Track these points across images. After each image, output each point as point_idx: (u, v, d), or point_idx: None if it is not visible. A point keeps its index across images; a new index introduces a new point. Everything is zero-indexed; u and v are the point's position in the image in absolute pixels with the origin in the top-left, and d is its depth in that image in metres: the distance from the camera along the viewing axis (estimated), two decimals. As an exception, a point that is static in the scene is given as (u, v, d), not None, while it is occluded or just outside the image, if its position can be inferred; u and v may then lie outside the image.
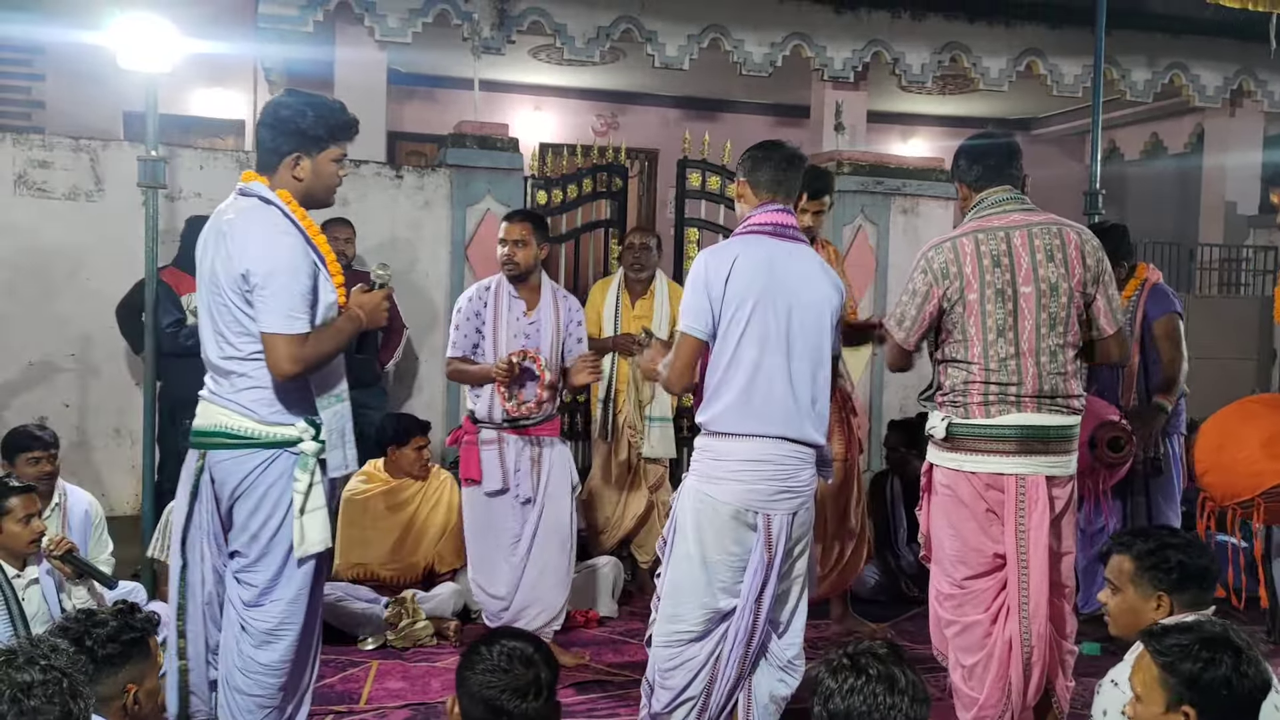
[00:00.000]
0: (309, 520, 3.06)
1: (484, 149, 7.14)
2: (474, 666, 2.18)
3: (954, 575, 3.36)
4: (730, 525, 3.14)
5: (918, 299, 3.31)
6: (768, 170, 3.29)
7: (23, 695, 1.91)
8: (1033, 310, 3.21)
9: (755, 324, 3.12)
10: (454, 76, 10.31)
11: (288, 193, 3.11)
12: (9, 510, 3.88)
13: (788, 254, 3.21)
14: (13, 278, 6.50)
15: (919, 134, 12.71)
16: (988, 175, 3.37)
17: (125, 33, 4.88)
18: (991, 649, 3.29)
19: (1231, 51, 9.71)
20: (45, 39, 9.19)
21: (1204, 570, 2.79)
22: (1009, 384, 3.22)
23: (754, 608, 3.16)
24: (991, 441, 3.24)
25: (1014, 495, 3.23)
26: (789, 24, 8.79)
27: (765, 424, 3.12)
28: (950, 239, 3.31)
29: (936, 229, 8.13)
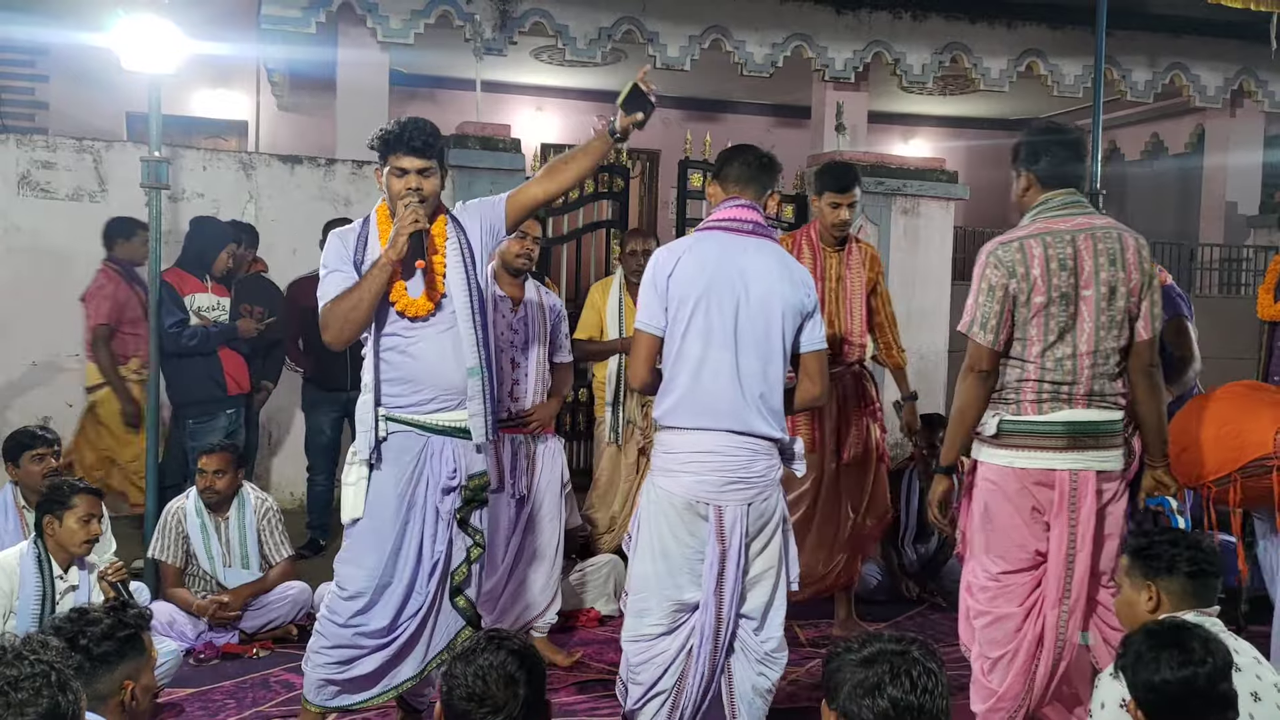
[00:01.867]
0: (346, 491, 3.40)
1: (486, 149, 7.16)
2: (453, 688, 2.15)
3: (991, 569, 3.37)
4: (685, 517, 3.16)
5: (998, 293, 3.26)
6: (733, 167, 3.32)
7: (10, 688, 1.93)
8: (1092, 314, 3.24)
9: (699, 319, 3.15)
10: (456, 77, 10.34)
11: (384, 206, 3.43)
12: (73, 506, 3.94)
13: (741, 249, 3.21)
14: (16, 278, 6.53)
15: (920, 134, 12.74)
16: (1060, 176, 3.35)
17: (128, 34, 4.89)
18: (1020, 643, 3.32)
19: (1232, 52, 9.72)
20: (49, 40, 9.22)
21: (1192, 560, 2.82)
22: (1063, 382, 3.25)
23: (715, 600, 3.16)
24: (1043, 438, 3.27)
25: (1065, 491, 3.26)
26: (790, 25, 8.81)
27: (711, 417, 3.14)
28: (1017, 239, 3.28)
29: (937, 229, 8.17)
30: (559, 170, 3.52)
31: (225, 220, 6.29)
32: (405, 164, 3.29)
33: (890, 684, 1.96)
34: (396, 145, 3.30)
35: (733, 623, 3.21)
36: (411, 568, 3.35)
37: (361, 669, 3.36)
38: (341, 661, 3.35)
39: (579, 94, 11.61)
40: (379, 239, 3.35)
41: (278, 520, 4.97)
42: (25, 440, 4.62)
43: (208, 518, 4.80)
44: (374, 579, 3.32)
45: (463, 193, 7.15)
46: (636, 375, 3.29)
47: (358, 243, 3.37)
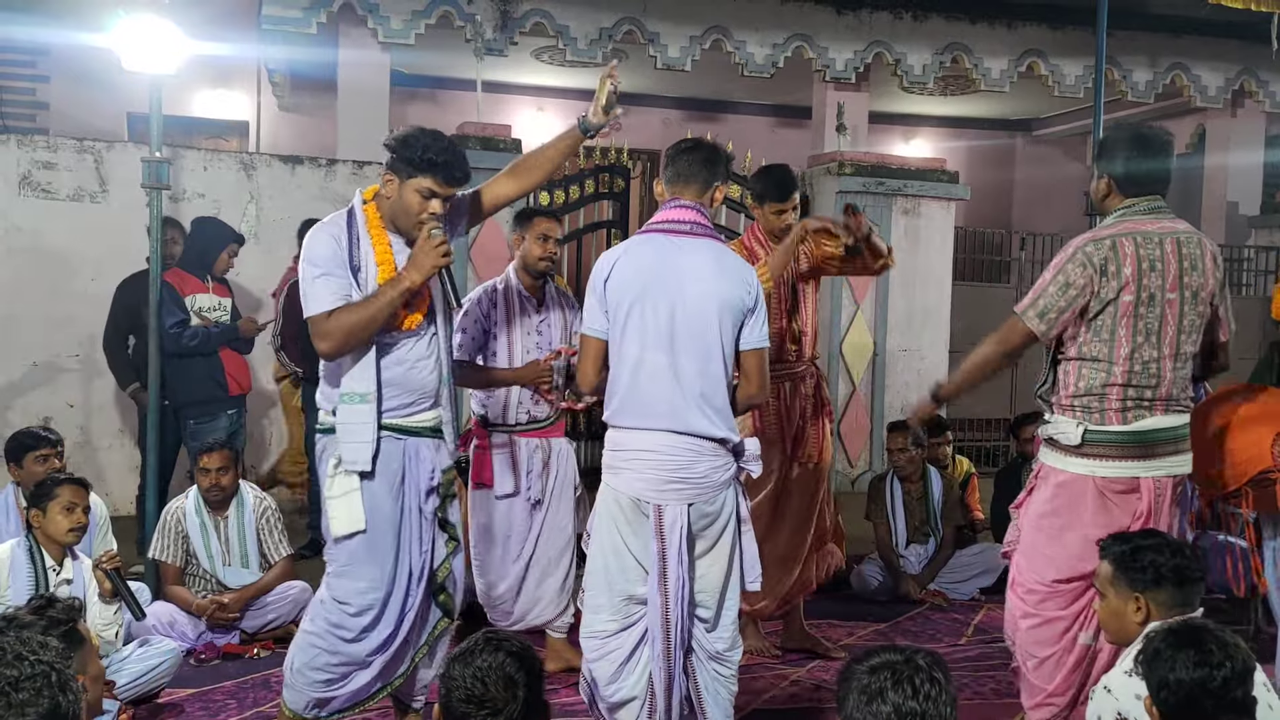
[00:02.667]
0: (333, 505, 3.28)
1: (487, 150, 7.17)
2: (451, 689, 2.15)
3: (1044, 575, 3.37)
4: (629, 515, 3.17)
5: (1071, 291, 3.24)
6: (671, 167, 3.30)
7: (11, 689, 1.93)
8: (1176, 316, 3.25)
9: (634, 321, 3.15)
10: (457, 78, 10.34)
11: (374, 206, 3.33)
12: (56, 496, 3.98)
13: (677, 249, 3.18)
14: (17, 278, 6.53)
15: (921, 135, 12.73)
16: (1149, 183, 3.35)
17: (129, 34, 4.90)
18: (1069, 645, 3.34)
19: (1233, 52, 9.72)
20: (49, 41, 9.21)
21: (1178, 569, 2.81)
22: (1146, 387, 3.25)
23: (659, 597, 3.14)
24: (1128, 447, 3.26)
25: (1150, 499, 3.27)
26: (791, 25, 8.81)
27: (651, 417, 3.14)
28: (1109, 236, 3.26)
29: (938, 230, 8.18)
30: (529, 167, 3.55)
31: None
32: (438, 189, 3.25)
33: (892, 690, 1.97)
34: (434, 169, 3.23)
35: (686, 622, 3.18)
36: (407, 574, 3.36)
37: (360, 681, 3.36)
38: (339, 678, 3.34)
39: (580, 94, 11.59)
40: (370, 242, 3.29)
41: (277, 519, 4.97)
42: (28, 441, 4.63)
43: (207, 517, 4.81)
44: (380, 591, 3.31)
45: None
46: (585, 378, 3.30)
47: (351, 245, 3.29)
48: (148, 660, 4.05)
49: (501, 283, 4.43)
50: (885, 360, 8.14)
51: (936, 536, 5.86)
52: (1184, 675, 2.26)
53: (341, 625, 3.31)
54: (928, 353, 8.25)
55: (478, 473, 4.40)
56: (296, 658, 3.36)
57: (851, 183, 7.92)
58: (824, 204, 8.02)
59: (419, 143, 3.24)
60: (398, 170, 3.26)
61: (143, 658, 4.04)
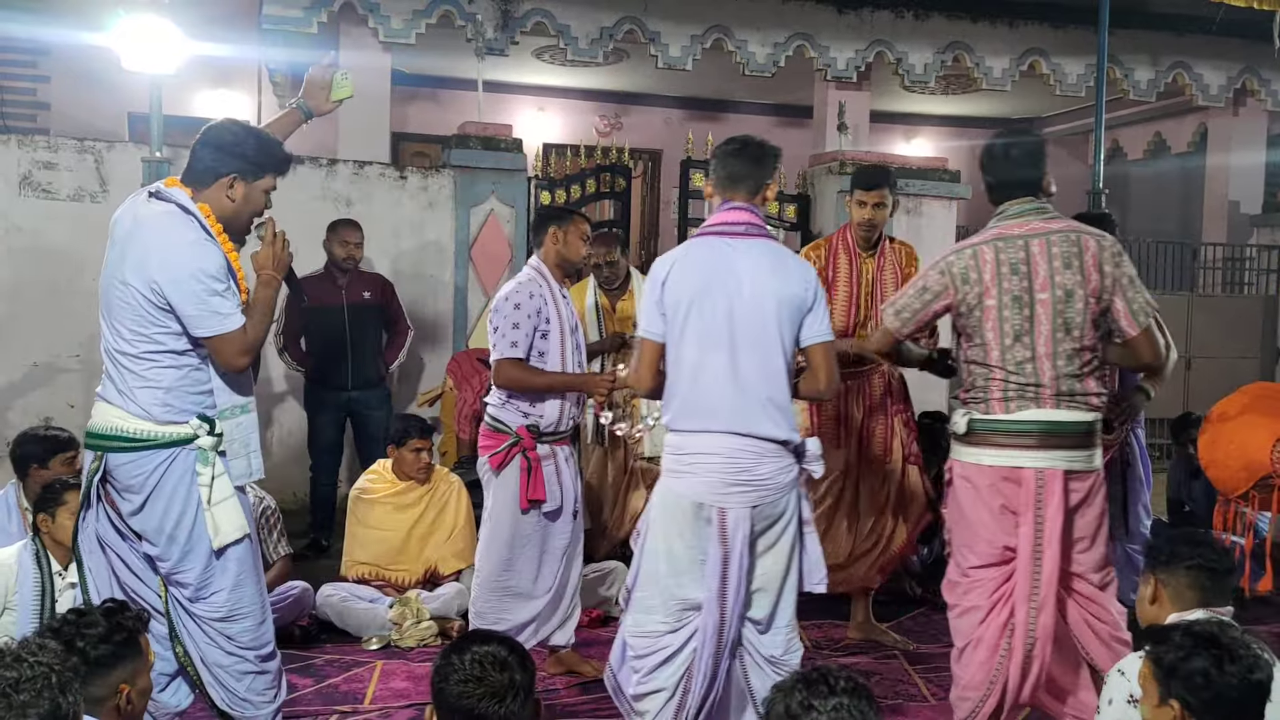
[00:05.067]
0: (219, 511, 3.12)
1: (488, 150, 7.16)
2: (447, 676, 2.16)
3: (962, 564, 3.46)
4: (690, 518, 3.18)
5: (926, 296, 3.41)
6: (722, 168, 3.33)
7: (12, 690, 1.93)
8: (1049, 316, 3.28)
9: (693, 323, 3.18)
10: (458, 77, 10.33)
11: (209, 209, 3.18)
12: (65, 503, 3.95)
13: (732, 250, 3.22)
14: (17, 278, 6.53)
15: (922, 134, 12.72)
16: (1008, 187, 3.43)
17: (129, 35, 4.91)
18: (983, 634, 3.38)
19: (1235, 51, 9.71)
20: (50, 41, 9.21)
21: (1194, 556, 2.82)
22: (1028, 384, 3.30)
23: (718, 602, 3.16)
24: (1011, 436, 3.32)
25: (1032, 488, 3.29)
26: (792, 24, 8.80)
27: (713, 419, 3.17)
28: (971, 245, 3.38)
29: (940, 229, 8.16)
30: None
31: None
32: (277, 185, 3.32)
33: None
34: (283, 167, 3.30)
35: (737, 625, 3.21)
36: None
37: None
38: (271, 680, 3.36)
39: (581, 94, 11.60)
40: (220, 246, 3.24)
41: (276, 519, 4.96)
42: (58, 444, 4.57)
43: (208, 518, 4.79)
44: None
45: (464, 192, 7.16)
46: (641, 381, 3.31)
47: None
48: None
49: (540, 280, 4.16)
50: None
51: (941, 536, 5.84)
52: (1204, 666, 2.25)
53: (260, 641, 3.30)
54: (929, 352, 8.24)
55: (535, 491, 4.06)
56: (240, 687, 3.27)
57: (853, 182, 7.90)
58: (826, 203, 8.01)
59: (260, 144, 3.23)
60: (243, 172, 3.19)
61: (145, 658, 4.03)
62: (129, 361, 3.13)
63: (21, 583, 3.93)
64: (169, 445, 3.11)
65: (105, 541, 3.21)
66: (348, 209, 6.80)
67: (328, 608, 4.93)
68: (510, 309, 4.05)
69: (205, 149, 3.19)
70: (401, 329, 6.44)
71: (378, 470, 5.33)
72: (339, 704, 4.14)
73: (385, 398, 6.40)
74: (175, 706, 3.27)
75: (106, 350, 3.19)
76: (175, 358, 3.12)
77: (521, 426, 4.09)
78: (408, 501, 5.24)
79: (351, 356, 6.14)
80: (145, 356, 3.11)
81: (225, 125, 3.25)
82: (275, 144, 3.29)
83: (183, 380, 3.13)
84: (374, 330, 6.31)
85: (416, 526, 5.23)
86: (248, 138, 3.22)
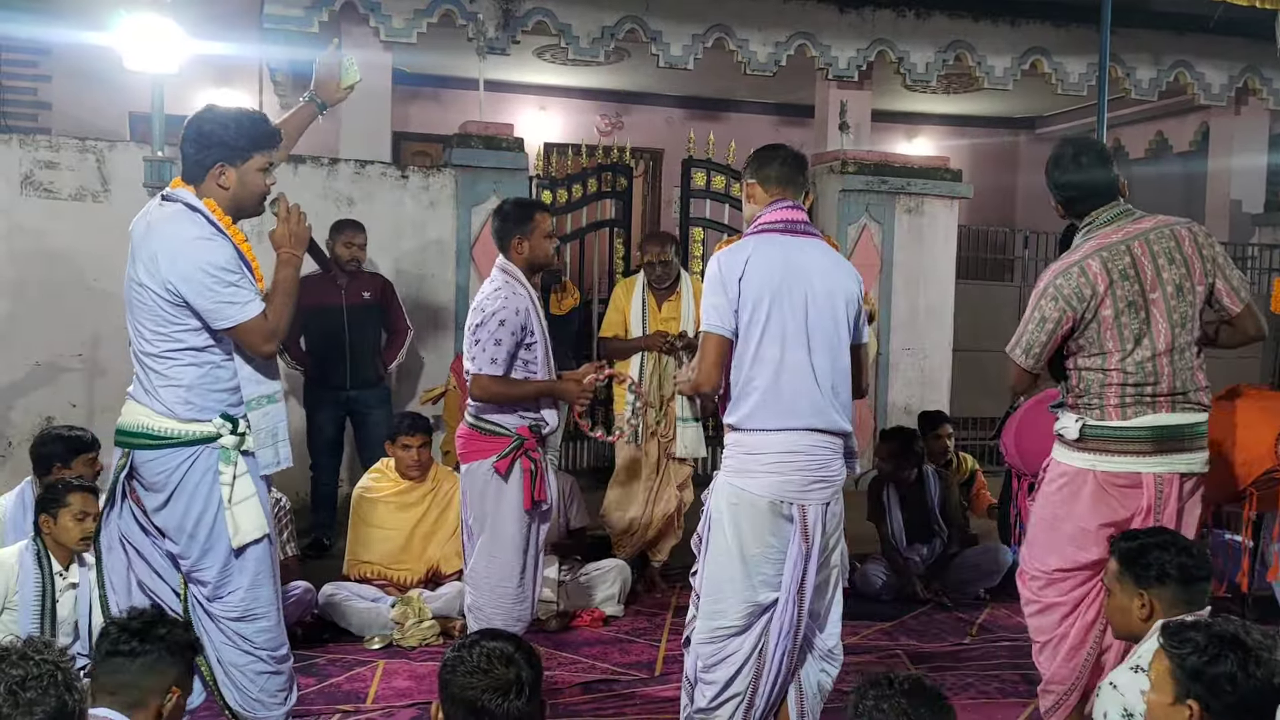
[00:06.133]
0: (239, 510, 3.14)
1: (489, 149, 7.16)
2: (454, 669, 2.18)
3: (1045, 563, 3.48)
4: (767, 518, 3.19)
5: (1048, 325, 3.37)
6: (775, 168, 3.37)
7: (19, 688, 1.94)
8: (1164, 314, 3.32)
9: (774, 321, 3.19)
10: (459, 77, 10.33)
11: (214, 201, 3.17)
12: (68, 504, 3.97)
13: (799, 249, 3.27)
14: (19, 278, 6.53)
15: (923, 133, 12.71)
16: (1093, 197, 3.42)
17: (131, 34, 4.90)
18: (1066, 632, 3.42)
19: (1237, 50, 9.69)
20: (51, 40, 9.20)
21: (1183, 568, 2.83)
22: (1145, 384, 3.31)
23: (796, 599, 3.21)
24: (1128, 443, 3.33)
25: (1152, 493, 3.33)
26: (793, 23, 8.80)
27: (795, 417, 3.19)
28: (1076, 263, 3.35)
29: (941, 228, 8.16)
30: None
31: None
32: (273, 159, 3.27)
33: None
34: (269, 141, 3.24)
35: (808, 621, 3.29)
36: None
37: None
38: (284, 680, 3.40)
39: (582, 93, 11.60)
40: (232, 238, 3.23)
41: (288, 519, 4.97)
42: (81, 444, 4.58)
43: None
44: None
45: (465, 192, 7.16)
46: (709, 378, 3.24)
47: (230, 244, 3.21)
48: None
49: (519, 289, 4.02)
50: (889, 359, 8.13)
51: (941, 536, 5.85)
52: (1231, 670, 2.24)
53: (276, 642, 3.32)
54: (931, 352, 8.23)
55: (540, 492, 4.04)
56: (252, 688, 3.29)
57: (854, 181, 7.91)
58: (827, 203, 8.01)
59: (239, 123, 3.18)
60: (228, 158, 3.15)
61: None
62: (152, 361, 3.14)
63: (22, 583, 3.94)
64: (192, 443, 3.14)
65: (128, 538, 3.23)
66: (349, 208, 6.80)
67: (330, 607, 4.93)
68: (495, 325, 3.89)
69: (187, 144, 3.19)
70: (401, 329, 6.44)
71: (380, 469, 5.33)
72: (341, 703, 4.15)
73: (385, 397, 6.40)
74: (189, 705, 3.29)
75: (133, 351, 3.21)
76: (196, 354, 3.13)
77: (523, 428, 4.01)
78: (410, 501, 5.24)
79: (350, 356, 6.14)
80: (166, 355, 3.12)
81: (200, 116, 3.21)
82: (253, 121, 3.21)
83: (204, 378, 3.14)
84: (373, 330, 6.30)
85: (419, 526, 5.23)
86: (222, 123, 3.17)
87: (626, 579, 5.37)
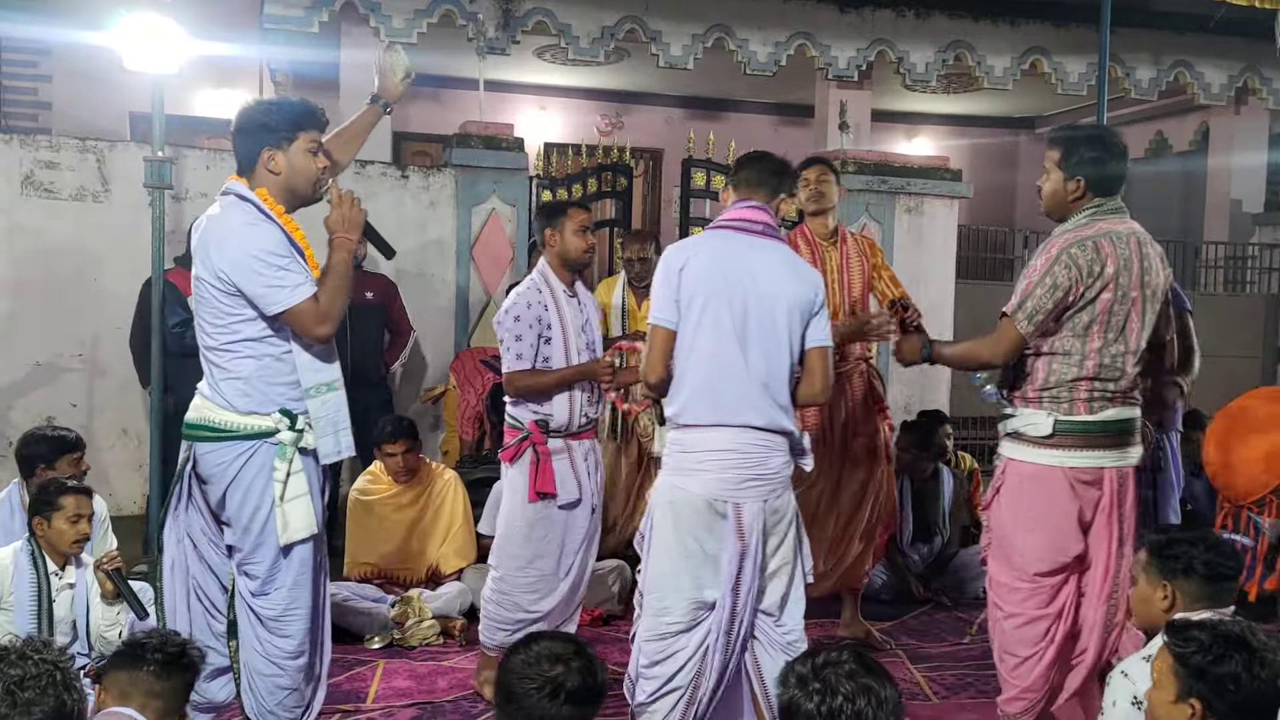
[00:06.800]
0: (290, 508, 3.15)
1: (489, 149, 7.17)
2: (510, 654, 2.20)
3: (1027, 570, 3.39)
4: (704, 517, 3.18)
5: (1058, 294, 3.26)
6: (746, 171, 3.41)
7: (17, 688, 1.94)
8: (1140, 314, 3.32)
9: (709, 315, 3.19)
10: (459, 77, 10.32)
11: (265, 190, 3.20)
12: (61, 507, 3.94)
13: (749, 247, 3.26)
14: (20, 278, 6.53)
15: (923, 133, 12.71)
16: (1116, 181, 3.42)
17: (131, 34, 4.90)
18: (1050, 642, 3.38)
19: (1236, 49, 9.69)
20: (52, 40, 9.20)
21: (1210, 564, 2.80)
22: (1110, 380, 3.32)
23: (731, 598, 3.19)
24: (1095, 437, 3.33)
25: (1114, 488, 3.34)
26: (793, 23, 8.80)
27: (728, 413, 3.18)
28: (1090, 238, 3.30)
29: (941, 228, 8.15)
30: (347, 140, 3.63)
31: None
32: (319, 137, 3.30)
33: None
34: (312, 120, 3.25)
35: (749, 618, 3.25)
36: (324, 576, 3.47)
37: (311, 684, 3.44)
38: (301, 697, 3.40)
39: (582, 93, 11.60)
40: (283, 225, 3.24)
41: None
42: (67, 444, 4.56)
43: (210, 517, 4.79)
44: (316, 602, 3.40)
45: (465, 192, 7.16)
46: (652, 368, 3.28)
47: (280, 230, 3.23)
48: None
49: (542, 284, 4.15)
50: (889, 358, 8.12)
51: (943, 535, 5.85)
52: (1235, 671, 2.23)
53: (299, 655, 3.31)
54: (931, 351, 8.22)
55: (543, 484, 4.10)
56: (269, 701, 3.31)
57: (854, 181, 7.90)
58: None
59: (280, 107, 3.23)
60: (274, 143, 3.18)
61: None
62: (213, 355, 3.18)
63: (17, 583, 3.92)
64: (249, 437, 3.15)
65: (190, 533, 3.28)
66: (349, 208, 6.80)
67: (330, 607, 4.92)
68: (511, 322, 4.06)
69: (236, 136, 3.24)
70: (404, 330, 6.43)
71: (374, 471, 5.33)
72: (341, 703, 4.15)
73: (386, 398, 6.39)
74: (218, 700, 3.34)
75: (200, 347, 3.25)
76: (254, 345, 3.14)
77: (531, 422, 4.10)
78: (404, 502, 5.25)
79: (351, 356, 6.11)
80: (226, 348, 3.15)
81: (243, 108, 3.27)
82: (292, 103, 3.26)
83: (262, 370, 3.15)
84: (375, 331, 6.29)
85: (416, 526, 5.24)
86: (263, 108, 3.23)
87: (626, 579, 5.37)
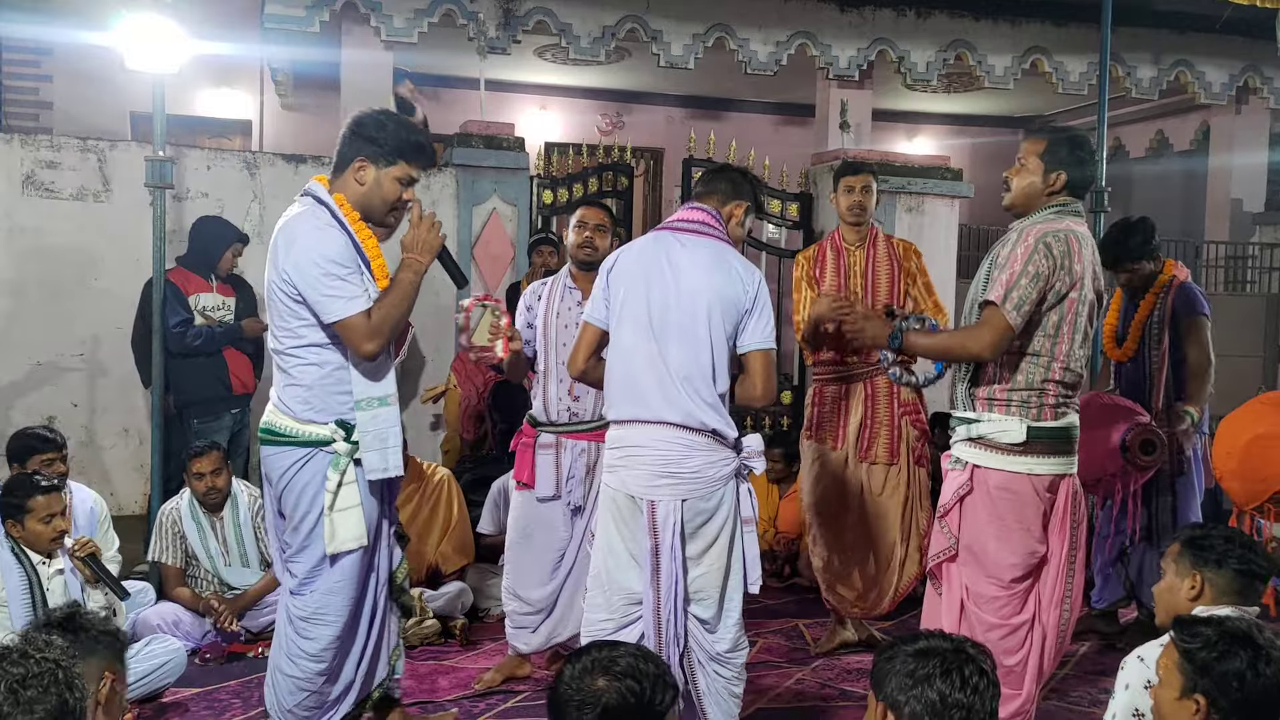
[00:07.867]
0: (339, 518, 3.15)
1: (490, 148, 7.17)
2: (570, 660, 2.11)
3: (1003, 578, 3.32)
4: (626, 512, 3.18)
5: (1039, 283, 3.17)
6: (700, 181, 3.47)
7: (19, 686, 1.94)
8: (1089, 318, 3.28)
9: (630, 310, 3.21)
10: (460, 76, 10.33)
11: (343, 197, 3.21)
12: (30, 510, 3.93)
13: (679, 244, 3.26)
14: (21, 278, 6.53)
15: (924, 132, 12.71)
16: (1088, 186, 3.41)
17: (132, 34, 4.90)
18: (1031, 646, 3.38)
19: (1237, 49, 9.69)
20: (53, 40, 9.22)
21: (1243, 559, 2.79)
22: (1073, 385, 3.28)
23: (651, 593, 3.14)
24: (1060, 443, 3.27)
25: (1070, 493, 3.31)
26: (794, 23, 8.80)
27: (643, 409, 3.16)
28: (1064, 230, 3.22)
29: (942, 227, 8.15)
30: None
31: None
32: (415, 175, 3.30)
33: (940, 679, 2.00)
34: (417, 155, 3.26)
35: (681, 621, 3.17)
36: (375, 583, 3.36)
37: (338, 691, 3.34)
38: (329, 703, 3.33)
39: (583, 92, 11.61)
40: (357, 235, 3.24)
41: (276, 517, 4.96)
42: (34, 444, 4.59)
43: (203, 518, 4.79)
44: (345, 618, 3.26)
45: (466, 191, 7.16)
46: (573, 363, 3.39)
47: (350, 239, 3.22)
48: (153, 659, 4.04)
49: (553, 279, 4.38)
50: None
51: (941, 535, 5.83)
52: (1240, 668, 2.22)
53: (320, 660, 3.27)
54: (932, 351, 8.22)
55: (519, 471, 4.26)
56: (286, 700, 3.30)
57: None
58: (827, 202, 7.99)
59: (397, 128, 3.22)
60: (374, 158, 3.19)
61: (147, 657, 4.03)
62: (280, 359, 3.20)
63: (6, 577, 3.92)
64: (306, 445, 3.17)
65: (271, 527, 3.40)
66: (350, 208, 6.81)
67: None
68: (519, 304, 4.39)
69: (344, 135, 3.24)
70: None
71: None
72: (342, 702, 4.15)
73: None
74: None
75: (270, 350, 3.28)
76: (317, 352, 3.15)
77: (526, 417, 4.32)
78: (399, 502, 5.22)
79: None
80: (290, 353, 3.16)
81: (365, 112, 3.27)
82: (410, 129, 3.25)
83: (325, 379, 3.16)
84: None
85: (412, 525, 5.22)
86: (378, 121, 3.22)
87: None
